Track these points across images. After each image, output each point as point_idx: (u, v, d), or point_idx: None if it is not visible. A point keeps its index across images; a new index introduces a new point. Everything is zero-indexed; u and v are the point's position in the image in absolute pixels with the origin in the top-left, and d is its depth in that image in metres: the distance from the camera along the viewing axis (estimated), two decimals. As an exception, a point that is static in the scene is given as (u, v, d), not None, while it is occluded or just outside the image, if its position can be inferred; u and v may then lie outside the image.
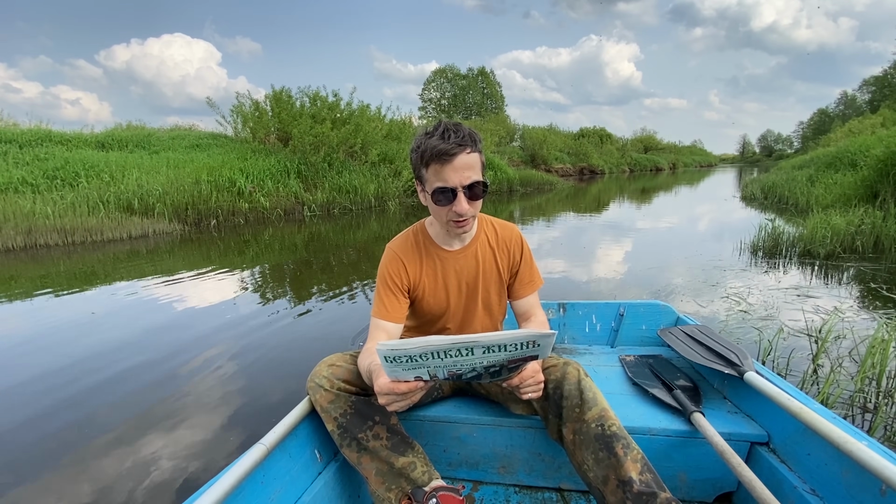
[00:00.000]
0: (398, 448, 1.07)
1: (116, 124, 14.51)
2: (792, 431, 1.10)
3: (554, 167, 26.28)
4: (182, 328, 3.31)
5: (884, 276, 4.03)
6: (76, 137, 11.54)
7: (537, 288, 1.30)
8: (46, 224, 7.07)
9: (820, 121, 58.07)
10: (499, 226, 1.28)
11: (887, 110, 23.68)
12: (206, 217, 9.11)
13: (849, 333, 2.68)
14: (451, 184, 1.03)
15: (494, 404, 1.33)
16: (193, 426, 2.03)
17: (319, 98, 13.35)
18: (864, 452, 0.85)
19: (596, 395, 1.06)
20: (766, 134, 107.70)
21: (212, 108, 13.36)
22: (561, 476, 1.28)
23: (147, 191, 8.65)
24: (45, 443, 1.96)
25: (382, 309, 1.17)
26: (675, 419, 1.24)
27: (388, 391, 0.82)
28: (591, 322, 1.90)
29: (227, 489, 0.84)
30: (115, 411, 2.20)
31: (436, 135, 1.03)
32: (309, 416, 1.15)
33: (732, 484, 1.20)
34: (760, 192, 12.05)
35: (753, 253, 5.20)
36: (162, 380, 2.51)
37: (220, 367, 2.65)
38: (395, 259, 1.21)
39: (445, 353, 0.73)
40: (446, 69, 46.23)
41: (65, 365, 2.72)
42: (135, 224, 7.92)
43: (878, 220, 5.26)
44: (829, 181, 8.89)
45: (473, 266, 1.24)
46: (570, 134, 35.14)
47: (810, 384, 2.12)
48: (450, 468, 1.35)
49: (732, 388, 1.36)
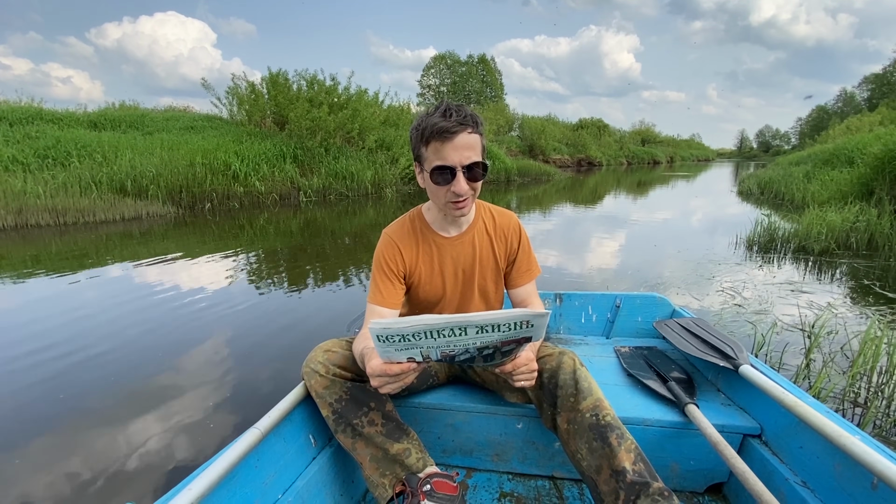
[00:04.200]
0: (393, 434, 1.07)
1: (109, 104, 14.25)
2: (785, 425, 1.11)
3: (552, 158, 26.20)
4: (176, 312, 3.29)
5: (877, 273, 4.06)
6: (68, 116, 11.35)
7: (535, 277, 1.29)
8: (38, 204, 6.97)
9: (818, 117, 58.08)
10: (497, 213, 1.27)
11: (886, 108, 23.72)
12: (201, 200, 9.03)
13: (841, 329, 2.71)
14: (450, 162, 1.01)
15: (489, 392, 1.33)
16: (186, 410, 2.03)
17: (317, 82, 13.16)
18: (857, 446, 0.85)
19: (591, 385, 1.05)
20: (764, 129, 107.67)
21: (207, 89, 13.16)
22: (554, 464, 1.28)
23: (140, 172, 8.53)
24: (34, 423, 1.95)
25: (378, 295, 1.16)
26: (669, 410, 1.24)
27: (380, 373, 0.81)
28: (587, 313, 1.90)
29: (221, 473, 0.84)
30: (107, 394, 2.19)
31: (437, 113, 1.01)
32: (304, 401, 1.14)
33: (724, 475, 1.21)
34: (757, 187, 12.08)
35: (749, 248, 5.22)
36: (155, 363, 2.49)
37: (214, 351, 2.64)
38: (391, 244, 1.19)
39: (438, 332, 0.72)
40: (446, 55, 45.63)
41: (54, 346, 2.70)
42: (128, 206, 7.83)
43: (872, 218, 5.29)
44: (825, 178, 8.92)
45: (470, 253, 1.22)
46: (569, 125, 34.99)
47: (802, 378, 2.14)
48: (444, 455, 1.35)
49: (726, 380, 1.37)
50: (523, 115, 29.87)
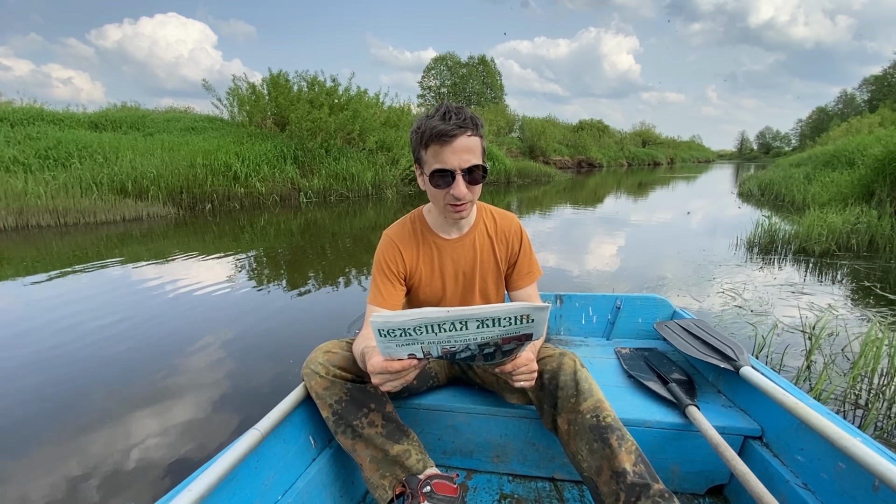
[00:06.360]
0: (393, 435, 1.07)
1: (110, 104, 14.31)
2: (786, 426, 1.11)
3: (552, 159, 26.21)
4: (176, 312, 3.29)
5: (878, 274, 4.05)
6: (69, 117, 11.36)
7: (536, 279, 1.28)
8: (38, 204, 6.97)
9: (819, 119, 58.09)
10: (498, 215, 1.26)
11: (886, 110, 23.72)
12: (201, 201, 9.03)
13: (842, 331, 2.70)
14: (449, 166, 1.01)
15: (489, 393, 1.32)
16: (186, 411, 2.03)
17: (317, 83, 13.17)
18: (858, 448, 0.85)
19: (591, 386, 1.05)
20: (765, 131, 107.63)
21: (208, 90, 13.15)
22: (554, 466, 1.28)
23: (141, 173, 8.54)
24: (35, 424, 1.95)
25: (378, 296, 1.16)
26: (670, 412, 1.24)
27: (381, 370, 0.81)
28: (588, 314, 1.90)
29: (221, 474, 0.83)
30: (107, 394, 2.19)
31: (437, 116, 1.01)
32: (304, 402, 1.14)
33: (724, 476, 1.21)
34: (757, 188, 12.08)
35: (749, 249, 5.22)
36: (155, 364, 2.49)
37: (214, 352, 2.64)
38: (392, 246, 1.19)
39: (439, 326, 0.73)
40: (446, 57, 45.62)
41: (54, 346, 2.70)
42: (128, 206, 7.84)
43: (873, 219, 5.29)
44: (826, 179, 8.91)
45: (471, 255, 1.22)
46: (569, 126, 35.02)
47: (803, 380, 2.13)
48: (444, 456, 1.35)
49: (727, 382, 1.37)
50: (524, 116, 29.91)
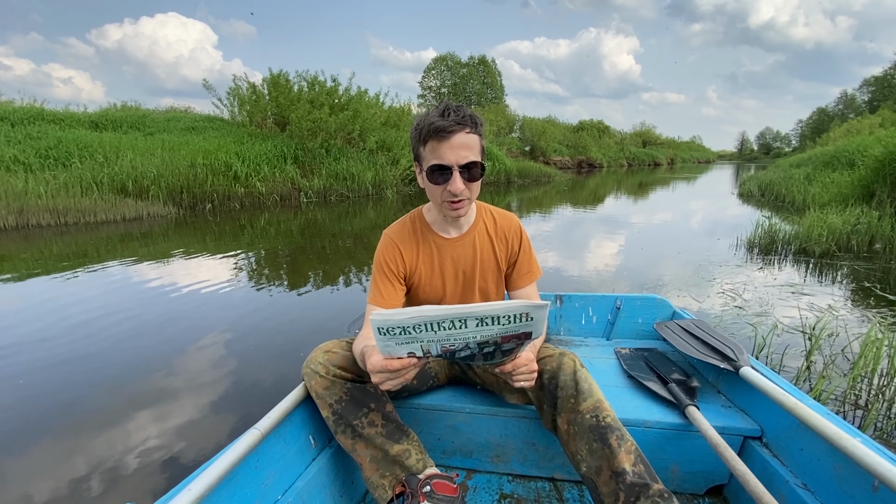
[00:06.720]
0: (393, 435, 1.07)
1: (111, 104, 14.32)
2: (786, 427, 1.11)
3: (552, 159, 26.21)
4: (175, 312, 3.30)
5: (878, 275, 4.05)
6: (69, 117, 11.37)
7: (536, 278, 1.28)
8: (39, 204, 6.98)
9: (819, 120, 58.06)
10: (498, 215, 1.26)
11: (887, 111, 23.71)
12: (202, 201, 9.03)
13: (842, 331, 2.71)
14: (446, 161, 1.02)
15: (489, 393, 1.32)
16: (186, 410, 2.03)
17: (318, 83, 13.18)
18: (858, 449, 0.85)
19: (591, 386, 1.05)
20: (765, 131, 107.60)
21: (208, 90, 13.17)
22: (554, 466, 1.28)
23: (141, 173, 8.54)
24: (35, 424, 1.95)
25: (378, 295, 1.16)
26: (670, 412, 1.24)
27: (380, 368, 0.81)
28: (588, 314, 1.90)
29: (221, 473, 0.84)
30: (106, 393, 2.19)
31: (436, 113, 1.02)
32: (304, 402, 1.14)
33: (724, 477, 1.21)
34: (757, 189, 12.07)
35: (749, 249, 5.22)
36: (155, 364, 2.49)
37: (214, 351, 2.64)
38: (392, 245, 1.19)
39: (439, 324, 0.73)
40: (447, 57, 45.62)
41: (54, 346, 2.70)
42: (129, 206, 7.84)
43: (873, 220, 5.29)
44: (826, 180, 8.91)
45: (471, 254, 1.22)
46: (570, 126, 34.99)
47: (803, 380, 2.13)
48: (444, 456, 1.35)
49: (727, 382, 1.37)
50: (524, 116, 29.91)
